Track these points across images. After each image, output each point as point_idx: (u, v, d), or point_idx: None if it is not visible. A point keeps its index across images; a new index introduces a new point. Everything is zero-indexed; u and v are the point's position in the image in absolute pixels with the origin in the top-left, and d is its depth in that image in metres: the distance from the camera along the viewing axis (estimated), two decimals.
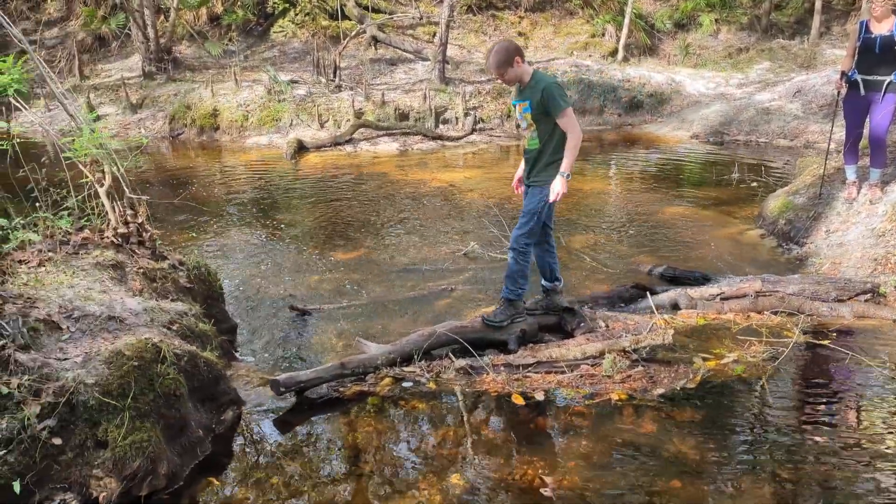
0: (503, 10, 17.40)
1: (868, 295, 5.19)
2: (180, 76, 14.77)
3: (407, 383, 4.23)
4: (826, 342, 4.64)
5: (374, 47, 15.83)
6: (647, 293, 5.32)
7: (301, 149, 11.61)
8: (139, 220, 4.60)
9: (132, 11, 14.48)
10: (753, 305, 5.21)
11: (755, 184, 9.02)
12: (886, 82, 5.96)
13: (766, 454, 3.52)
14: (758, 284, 5.27)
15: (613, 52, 15.88)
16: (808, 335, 4.77)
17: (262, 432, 3.84)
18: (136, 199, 4.64)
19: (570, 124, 4.29)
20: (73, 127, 4.79)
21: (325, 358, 4.60)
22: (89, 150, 4.40)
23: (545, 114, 4.31)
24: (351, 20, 16.40)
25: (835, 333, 4.81)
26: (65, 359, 3.17)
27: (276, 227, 7.69)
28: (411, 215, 8.09)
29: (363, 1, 16.70)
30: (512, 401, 4.02)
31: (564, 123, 4.28)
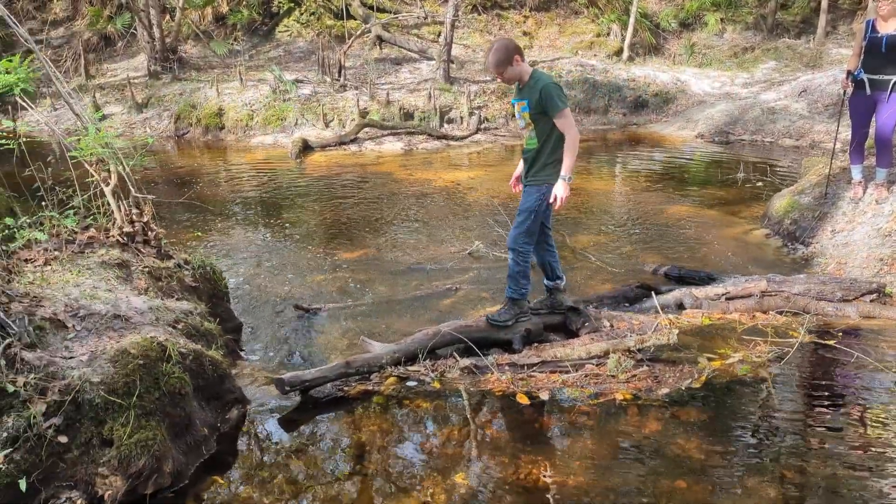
0: (508, 10, 17.39)
1: (874, 295, 5.17)
2: (186, 76, 14.81)
3: (411, 382, 4.23)
4: (832, 342, 4.62)
5: (378, 47, 15.84)
6: (651, 293, 5.31)
7: (306, 148, 11.63)
8: (145, 220, 4.61)
9: (138, 11, 14.52)
10: (759, 305, 5.19)
11: (760, 183, 9.00)
12: (893, 82, 5.93)
13: (771, 455, 3.51)
14: (763, 284, 5.26)
15: (618, 52, 15.87)
16: (814, 335, 4.75)
17: (267, 431, 3.85)
18: (141, 198, 4.65)
19: (567, 125, 4.25)
20: (78, 126, 4.80)
21: (329, 357, 4.60)
22: (95, 149, 4.41)
23: (543, 113, 4.28)
24: (356, 20, 16.42)
25: (840, 334, 4.79)
26: (70, 357, 3.18)
27: (281, 227, 7.71)
28: (416, 215, 8.09)
29: (368, 0, 16.71)
30: (516, 400, 4.01)
31: (562, 124, 4.25)
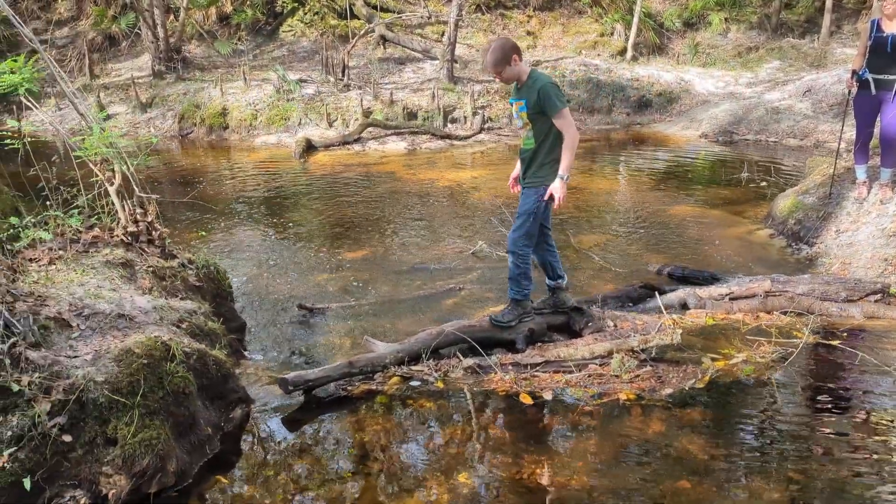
0: (512, 10, 17.37)
1: (878, 295, 5.16)
2: (190, 75, 14.82)
3: (415, 382, 4.23)
4: (836, 343, 4.61)
5: (382, 46, 15.84)
6: (655, 293, 5.31)
7: (310, 148, 11.63)
8: (149, 219, 4.62)
9: (142, 11, 14.54)
10: (763, 305, 5.18)
11: (764, 183, 8.98)
12: None
13: (775, 455, 3.51)
14: (767, 284, 5.25)
15: (622, 51, 15.84)
16: (818, 336, 4.74)
17: (271, 431, 3.85)
18: (145, 197, 4.66)
19: (566, 125, 4.24)
20: (83, 126, 4.81)
21: (333, 356, 4.60)
22: (99, 149, 4.42)
23: (541, 113, 4.27)
24: (360, 19, 16.42)
25: (845, 334, 4.78)
26: (75, 356, 3.19)
27: (285, 226, 7.72)
28: (419, 214, 8.09)
29: (372, 0, 16.72)
30: (520, 400, 4.01)
31: (561, 124, 4.24)
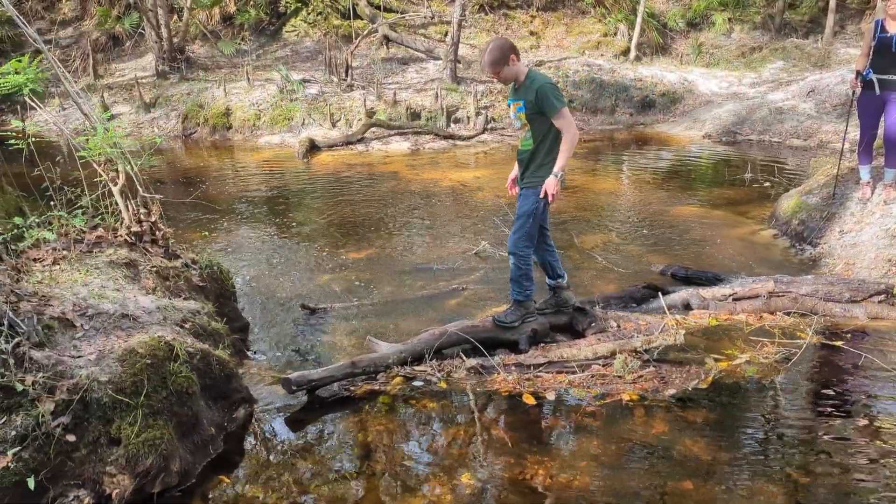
0: (515, 10, 17.37)
1: (882, 296, 5.14)
2: (193, 75, 14.85)
3: (418, 382, 4.23)
4: (839, 343, 4.61)
5: (385, 46, 15.85)
6: (658, 293, 5.30)
7: (313, 148, 11.64)
8: (152, 219, 4.63)
9: (146, 11, 14.57)
10: (766, 306, 5.18)
11: (768, 184, 8.96)
12: None
13: (778, 456, 3.50)
14: (770, 285, 5.24)
15: (626, 52, 15.83)
16: (821, 336, 4.74)
17: (274, 430, 3.86)
18: (149, 197, 4.67)
19: (566, 124, 4.23)
20: (87, 126, 4.82)
21: (336, 356, 4.61)
22: (103, 149, 4.43)
23: (539, 114, 4.26)
24: (363, 19, 16.43)
25: (848, 335, 4.77)
26: (79, 356, 3.20)
27: (288, 226, 7.72)
28: (422, 214, 8.10)
29: (375, 0, 16.73)
30: (523, 400, 4.01)
31: (561, 124, 4.23)
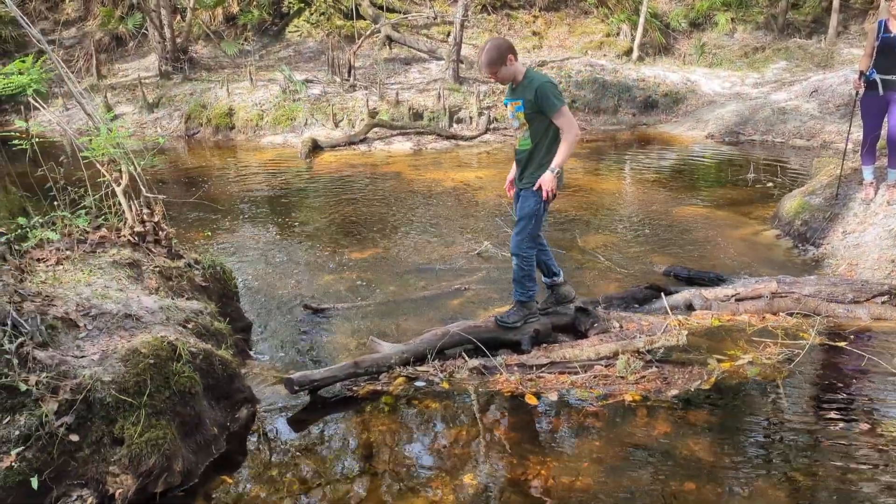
0: (518, 10, 17.37)
1: (885, 297, 5.14)
2: (196, 76, 14.87)
3: (420, 383, 4.23)
4: (842, 344, 4.60)
5: (388, 47, 15.85)
6: (661, 294, 5.30)
7: (316, 148, 11.65)
8: (155, 219, 4.64)
9: (149, 11, 14.59)
10: (769, 307, 5.17)
11: (771, 184, 8.95)
12: None
13: (781, 457, 3.50)
14: (773, 285, 5.23)
15: (628, 52, 15.81)
16: (824, 337, 4.73)
17: (276, 430, 3.86)
18: (152, 198, 4.68)
19: (566, 122, 4.21)
20: (90, 126, 4.83)
21: (338, 357, 4.61)
22: (106, 149, 4.44)
23: (539, 113, 4.24)
24: (366, 20, 16.44)
25: (851, 336, 4.76)
26: (82, 356, 3.20)
27: (291, 226, 7.73)
28: (425, 214, 8.10)
29: (378, 0, 16.73)
30: (525, 401, 4.01)
31: (561, 122, 4.21)
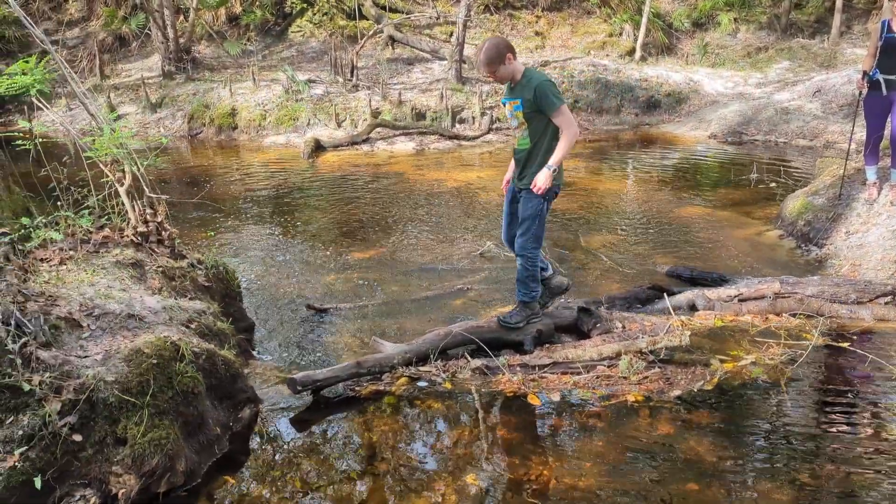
0: (520, 10, 17.36)
1: (889, 297, 5.12)
2: (199, 76, 14.89)
3: (423, 383, 4.23)
4: (845, 345, 4.59)
5: (391, 47, 15.86)
6: (664, 294, 5.30)
7: (318, 148, 11.66)
8: (158, 219, 4.65)
9: (152, 11, 14.62)
10: (772, 307, 5.16)
11: (774, 184, 8.94)
12: None
13: (783, 458, 3.50)
14: (776, 286, 5.23)
15: (631, 52, 15.80)
16: (827, 338, 4.72)
17: (279, 430, 3.86)
18: (155, 198, 4.69)
19: (566, 121, 4.19)
20: (93, 126, 4.84)
21: (341, 357, 4.62)
22: (110, 149, 4.45)
23: (538, 112, 4.22)
24: (368, 20, 16.45)
25: (854, 336, 4.75)
26: (85, 356, 3.21)
27: (293, 226, 7.74)
28: (427, 215, 8.10)
29: (381, 1, 16.74)
30: (528, 401, 4.01)
31: (560, 121, 4.19)
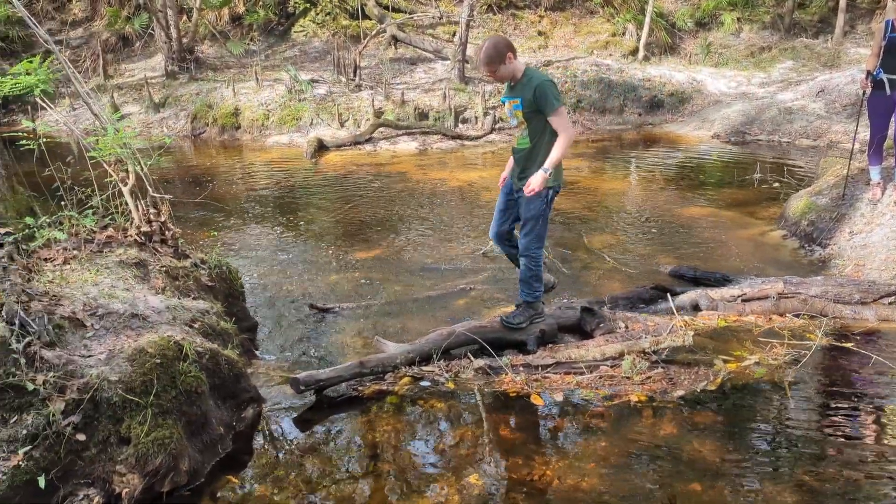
0: (523, 10, 17.35)
1: (892, 297, 5.11)
2: (202, 75, 14.90)
3: (425, 383, 4.24)
4: (849, 345, 4.59)
5: (394, 47, 15.87)
6: (667, 294, 5.29)
7: (321, 148, 11.66)
8: (162, 219, 4.65)
9: (155, 11, 14.64)
10: (775, 307, 5.15)
11: (777, 184, 8.92)
12: None
13: (787, 458, 3.49)
14: (780, 286, 5.22)
15: (634, 51, 15.79)
16: (831, 338, 4.71)
17: (282, 430, 3.87)
18: (158, 197, 4.69)
19: (562, 124, 4.17)
20: (97, 126, 4.85)
21: (344, 356, 4.62)
22: (113, 149, 4.45)
23: (537, 111, 4.20)
24: (371, 20, 16.46)
25: (858, 336, 4.75)
26: (89, 356, 3.21)
27: (296, 226, 7.74)
28: (430, 214, 8.10)
29: (383, 0, 16.75)
30: (530, 401, 4.01)
31: (557, 122, 4.16)
